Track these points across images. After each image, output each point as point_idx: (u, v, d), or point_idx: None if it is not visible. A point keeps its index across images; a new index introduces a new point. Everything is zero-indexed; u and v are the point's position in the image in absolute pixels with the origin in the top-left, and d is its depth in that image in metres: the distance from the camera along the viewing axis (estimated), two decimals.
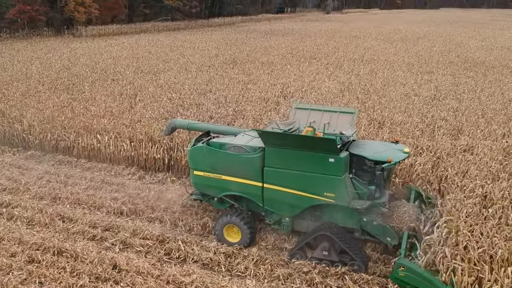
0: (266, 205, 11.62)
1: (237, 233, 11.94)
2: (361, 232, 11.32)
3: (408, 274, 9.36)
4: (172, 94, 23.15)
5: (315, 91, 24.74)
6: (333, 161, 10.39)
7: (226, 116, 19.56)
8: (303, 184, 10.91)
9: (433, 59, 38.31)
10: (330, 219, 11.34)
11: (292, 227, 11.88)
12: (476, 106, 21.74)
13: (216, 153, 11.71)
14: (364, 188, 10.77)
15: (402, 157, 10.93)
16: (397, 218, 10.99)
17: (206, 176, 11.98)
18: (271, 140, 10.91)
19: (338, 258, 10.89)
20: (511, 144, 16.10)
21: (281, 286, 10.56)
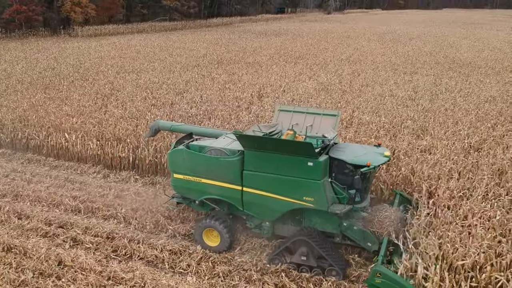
0: (245, 209, 11.43)
1: (217, 237, 11.76)
2: (342, 237, 11.14)
3: (384, 281, 9.11)
4: (148, 94, 23.31)
5: (291, 91, 24.87)
6: (312, 165, 10.21)
7: (196, 116, 19.72)
8: (282, 188, 10.72)
9: (420, 60, 38.30)
10: (310, 224, 11.18)
11: (273, 231, 11.70)
12: (448, 107, 21.78)
13: (196, 156, 11.55)
14: (344, 192, 10.61)
15: (382, 161, 10.68)
16: (378, 223, 10.74)
17: (186, 179, 11.81)
18: (250, 143, 10.74)
19: (317, 264, 10.71)
20: (474, 143, 16.22)
21: (220, 283, 10.72)
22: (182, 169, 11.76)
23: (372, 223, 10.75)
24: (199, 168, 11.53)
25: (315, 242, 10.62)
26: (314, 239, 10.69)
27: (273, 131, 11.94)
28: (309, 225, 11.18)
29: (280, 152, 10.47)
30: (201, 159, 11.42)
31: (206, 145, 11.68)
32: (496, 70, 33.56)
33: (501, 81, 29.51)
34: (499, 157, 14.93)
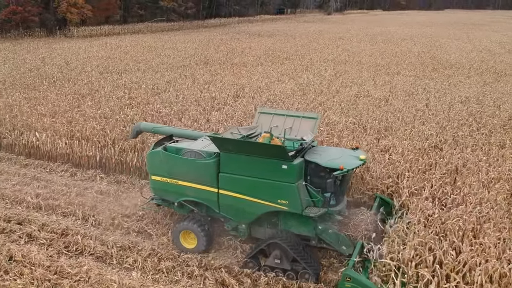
0: (222, 211, 11.43)
1: (194, 239, 11.76)
2: (318, 240, 11.10)
3: (354, 285, 9.15)
4: (124, 94, 23.65)
5: (268, 92, 25.11)
6: (286, 168, 10.20)
7: (168, 115, 20.01)
8: (257, 191, 10.70)
9: (406, 61, 38.47)
10: (286, 227, 11.17)
11: (250, 233, 11.70)
12: (421, 107, 21.95)
13: (173, 158, 11.55)
14: (319, 196, 10.56)
15: (356, 164, 10.58)
16: (353, 226, 10.82)
17: (163, 181, 11.83)
18: (224, 146, 10.74)
19: (291, 267, 10.68)
20: (436, 143, 16.42)
21: (164, 278, 10.98)
22: (160, 171, 11.80)
23: (348, 226, 10.82)
24: (176, 170, 11.55)
25: (289, 245, 10.59)
26: (287, 242, 10.67)
27: (253, 133, 12.00)
28: (285, 228, 11.17)
29: (254, 155, 10.48)
30: (178, 161, 11.46)
31: (183, 147, 11.73)
32: (479, 71, 33.70)
33: (481, 82, 29.66)
34: (455, 157, 15.12)
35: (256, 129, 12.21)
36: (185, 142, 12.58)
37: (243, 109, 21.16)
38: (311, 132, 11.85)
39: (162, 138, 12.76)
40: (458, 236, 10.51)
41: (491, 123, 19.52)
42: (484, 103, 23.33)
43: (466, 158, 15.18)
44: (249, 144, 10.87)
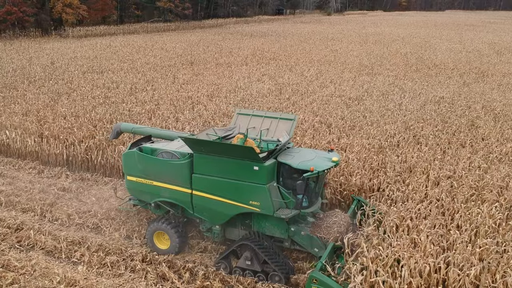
0: (195, 212, 11.43)
1: (167, 240, 11.79)
2: (291, 242, 11.12)
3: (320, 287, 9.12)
4: (101, 93, 23.96)
5: (245, 91, 25.35)
6: (257, 169, 10.18)
7: (139, 114, 20.30)
8: (229, 192, 10.69)
9: (392, 61, 38.61)
10: (259, 228, 11.16)
11: (224, 235, 11.75)
12: (392, 107, 22.14)
13: (147, 158, 11.59)
14: (291, 197, 10.55)
15: (327, 166, 10.53)
16: (326, 228, 10.80)
17: (138, 181, 11.86)
18: (196, 146, 10.72)
19: (261, 268, 10.68)
20: (397, 142, 16.62)
21: (108, 272, 11.26)
22: (135, 171, 11.83)
23: (320, 228, 10.80)
24: (150, 170, 11.57)
25: (259, 247, 10.60)
26: (258, 244, 10.67)
27: (229, 134, 12.00)
28: (258, 230, 11.16)
29: (226, 156, 10.46)
30: (153, 161, 11.49)
31: (158, 148, 11.76)
32: (462, 72, 33.83)
33: (461, 82, 29.79)
34: (410, 156, 15.33)
35: (234, 130, 12.21)
36: (162, 142, 12.60)
37: (215, 108, 21.42)
38: (287, 133, 11.82)
39: (140, 138, 12.82)
40: (392, 231, 10.71)
41: (457, 123, 19.68)
42: (457, 103, 23.47)
43: (422, 156, 15.36)
44: (219, 145, 10.80)
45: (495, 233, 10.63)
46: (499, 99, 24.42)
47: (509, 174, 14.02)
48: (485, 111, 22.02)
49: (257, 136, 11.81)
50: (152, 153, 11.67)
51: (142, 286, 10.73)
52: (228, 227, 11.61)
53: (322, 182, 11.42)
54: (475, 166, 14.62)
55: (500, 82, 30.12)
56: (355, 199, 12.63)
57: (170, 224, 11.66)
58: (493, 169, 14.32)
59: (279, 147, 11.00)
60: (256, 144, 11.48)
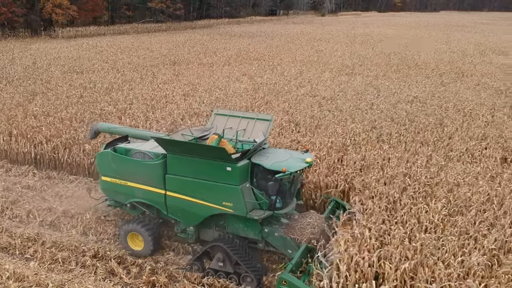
0: (170, 213, 11.37)
1: (141, 241, 11.74)
2: (265, 243, 11.04)
3: None
4: (76, 92, 24.12)
5: (220, 91, 25.53)
6: (230, 170, 10.14)
7: (110, 113, 20.45)
8: (203, 193, 10.65)
9: (374, 61, 38.87)
10: (233, 229, 11.10)
11: (198, 236, 11.68)
12: (362, 106, 22.35)
13: (121, 159, 11.56)
14: (264, 198, 10.50)
15: (300, 166, 10.54)
16: (299, 229, 10.78)
17: (113, 182, 11.81)
18: (169, 147, 10.70)
19: (233, 270, 10.62)
20: (359, 141, 16.83)
21: (59, 267, 11.41)
22: (109, 171, 11.80)
23: (294, 229, 10.78)
24: (124, 171, 11.53)
25: (231, 248, 10.56)
26: (230, 245, 10.63)
27: (206, 135, 11.97)
28: (232, 231, 11.12)
29: (199, 157, 10.43)
30: (127, 162, 11.47)
31: (132, 148, 11.74)
32: (442, 72, 34.09)
33: (438, 81, 30.03)
34: (369, 154, 15.53)
35: (210, 131, 12.19)
36: (137, 143, 12.55)
37: (187, 107, 21.59)
38: (263, 134, 11.81)
39: (116, 138, 12.81)
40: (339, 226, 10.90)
41: (425, 121, 19.89)
42: (429, 102, 23.70)
43: (381, 154, 15.55)
44: (191, 146, 10.81)
45: (437, 229, 10.81)
46: (471, 99, 24.66)
47: (464, 171, 14.22)
48: (455, 110, 22.23)
49: (233, 137, 11.81)
50: (126, 154, 11.63)
51: (90, 281, 10.87)
52: (202, 228, 11.55)
53: (297, 183, 11.40)
54: (433, 164, 14.81)
55: (478, 82, 30.38)
56: (332, 200, 12.60)
57: (143, 225, 11.61)
58: (450, 167, 14.51)
59: (252, 148, 10.95)
60: (232, 145, 11.52)
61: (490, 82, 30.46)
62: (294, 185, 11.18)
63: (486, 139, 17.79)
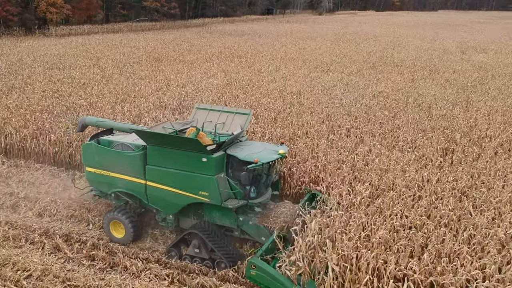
0: (150, 202, 11.99)
1: (123, 229, 12.33)
2: (240, 231, 11.63)
3: (259, 273, 9.59)
4: (52, 87, 25.12)
5: (193, 86, 26.48)
6: (206, 160, 10.74)
7: (80, 107, 21.44)
8: (180, 183, 11.20)
9: (353, 58, 39.76)
10: (210, 218, 11.71)
11: (178, 224, 12.32)
12: (325, 101, 23.23)
13: (104, 150, 12.17)
14: (238, 188, 11.02)
15: (272, 158, 11.08)
16: (273, 218, 11.30)
17: (96, 172, 12.42)
18: (146, 138, 11.30)
19: (209, 256, 11.23)
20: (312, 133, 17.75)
21: (10, 244, 12.41)
22: (93, 162, 12.42)
23: (268, 218, 11.32)
24: (107, 162, 12.14)
25: (206, 236, 11.17)
26: (205, 233, 11.24)
27: (186, 128, 12.44)
28: (209, 219, 11.73)
29: (174, 148, 11.01)
30: (109, 153, 12.09)
31: (114, 140, 12.38)
32: (417, 69, 34.92)
33: (408, 78, 30.91)
34: (314, 143, 16.46)
35: (191, 124, 12.72)
36: (120, 135, 13.14)
37: (155, 101, 22.56)
38: (240, 127, 12.45)
39: (101, 131, 13.42)
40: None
41: (381, 114, 20.78)
42: (391, 97, 24.58)
43: (328, 144, 16.47)
44: (168, 137, 11.35)
45: (353, 208, 11.74)
46: (433, 94, 25.53)
47: (399, 158, 15.13)
48: (415, 104, 23.08)
49: (212, 130, 12.40)
50: (109, 145, 12.28)
51: (37, 256, 11.87)
52: (181, 216, 12.20)
53: (272, 174, 12.06)
54: (372, 152, 15.72)
55: (447, 79, 31.20)
56: (308, 192, 13.16)
57: (125, 214, 12.26)
58: (386, 155, 15.41)
59: (228, 140, 11.50)
60: (211, 138, 12.14)
61: (460, 78, 31.28)
62: (269, 176, 11.79)
63: (434, 131, 18.65)
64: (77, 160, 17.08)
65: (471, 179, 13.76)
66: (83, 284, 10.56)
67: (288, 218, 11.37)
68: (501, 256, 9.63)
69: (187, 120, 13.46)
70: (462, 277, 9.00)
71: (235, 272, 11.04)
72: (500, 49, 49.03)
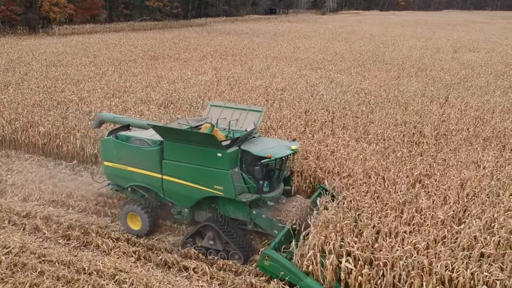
0: (166, 196, 12.34)
1: (139, 221, 12.68)
2: (253, 224, 11.97)
3: (272, 264, 10.02)
4: (46, 83, 26.22)
5: (182, 82, 27.47)
6: (221, 155, 11.05)
7: (71, 101, 22.49)
8: (196, 177, 11.54)
9: (345, 56, 40.56)
10: (224, 211, 12.06)
11: (193, 217, 12.67)
12: (306, 97, 24.11)
13: (122, 145, 12.54)
14: (252, 182, 11.33)
15: (285, 153, 11.43)
16: (285, 212, 11.62)
17: (114, 166, 12.80)
18: (165, 134, 11.64)
19: (223, 248, 11.53)
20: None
21: None
22: (111, 157, 12.79)
23: (280, 212, 11.68)
24: (125, 156, 12.51)
25: (221, 228, 11.50)
26: (220, 225, 11.59)
27: (201, 124, 12.83)
28: (223, 213, 12.08)
29: (190, 143, 11.36)
30: (127, 148, 12.46)
31: (132, 135, 12.75)
32: (404, 67, 35.61)
33: (394, 76, 31.66)
34: (288, 135, 17.36)
35: (206, 121, 13.09)
36: (136, 131, 13.52)
37: (142, 96, 23.60)
38: (254, 124, 12.78)
39: (119, 127, 13.92)
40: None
41: (358, 110, 21.61)
42: (373, 94, 25.38)
43: (300, 136, 17.38)
44: (184, 133, 11.66)
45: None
46: (414, 91, 26.31)
47: (364, 149, 16.01)
48: (394, 101, 23.87)
49: (226, 126, 12.83)
50: (127, 140, 12.67)
51: (18, 235, 12.86)
52: (196, 210, 12.57)
53: (284, 169, 12.33)
54: (339, 144, 16.59)
55: (433, 76, 31.91)
56: (319, 187, 13.50)
57: (142, 207, 12.62)
58: (352, 146, 16.29)
59: (242, 136, 11.81)
60: (225, 134, 12.57)
61: (445, 76, 31.98)
62: (281, 171, 12.13)
63: (405, 125, 19.47)
64: (64, 151, 18.14)
65: (429, 168, 14.61)
66: (56, 260, 11.55)
67: (300, 212, 11.68)
68: (434, 234, 10.49)
69: (202, 116, 13.85)
70: (396, 253, 9.88)
71: (197, 251, 11.96)
72: (493, 48, 49.52)
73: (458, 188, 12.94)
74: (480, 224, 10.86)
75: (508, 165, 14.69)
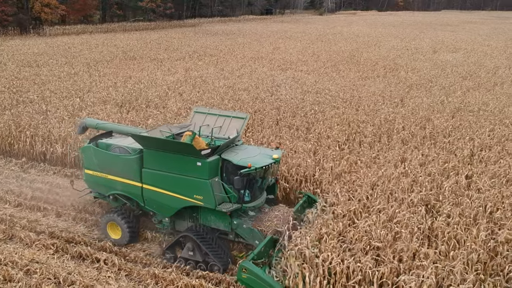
0: (146, 205, 12.15)
1: (119, 230, 12.53)
2: (235, 234, 11.75)
3: (250, 277, 9.63)
4: (14, 84, 26.88)
5: (147, 82, 28.04)
6: (200, 165, 10.87)
7: (31, 102, 23.11)
8: (175, 186, 11.35)
9: (319, 58, 41.02)
10: (205, 221, 11.88)
11: (173, 227, 12.50)
12: (264, 96, 24.61)
13: (101, 153, 12.41)
14: (232, 192, 11.11)
15: (266, 163, 11.16)
16: (267, 222, 11.42)
17: (95, 175, 12.67)
18: (144, 142, 11.48)
19: (202, 259, 11.31)
20: None
21: None
22: (91, 165, 12.67)
23: (262, 222, 11.48)
24: (105, 164, 12.36)
25: (200, 239, 11.26)
26: (199, 236, 11.35)
27: (183, 131, 12.63)
28: (204, 222, 11.90)
29: (171, 152, 11.19)
30: (107, 156, 12.31)
31: (112, 143, 12.60)
32: (376, 67, 36.02)
33: (361, 76, 32.10)
34: None
35: (189, 128, 12.94)
36: (118, 138, 13.31)
37: (102, 96, 24.18)
38: (236, 131, 12.62)
39: (101, 134, 13.67)
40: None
41: (309, 109, 22.09)
42: (332, 94, 25.84)
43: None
44: (163, 142, 11.53)
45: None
46: (372, 91, 26.75)
47: (299, 147, 16.52)
48: (350, 101, 24.31)
49: (209, 134, 12.71)
50: (107, 148, 12.53)
51: None
52: (177, 219, 12.37)
53: (267, 178, 12.15)
54: (278, 142, 17.09)
55: (401, 76, 32.32)
56: (304, 195, 13.28)
57: (122, 216, 12.46)
58: (288, 145, 16.80)
59: (223, 144, 11.53)
60: (208, 141, 12.46)
61: (413, 76, 32.38)
62: (264, 180, 11.94)
63: (349, 124, 19.93)
64: (15, 149, 18.72)
65: (355, 166, 15.12)
66: None
67: (280, 222, 11.46)
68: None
69: (185, 123, 13.76)
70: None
71: (114, 246, 12.48)
72: (473, 48, 49.81)
73: (370, 185, 13.41)
74: (376, 220, 11.33)
75: (428, 164, 15.14)
